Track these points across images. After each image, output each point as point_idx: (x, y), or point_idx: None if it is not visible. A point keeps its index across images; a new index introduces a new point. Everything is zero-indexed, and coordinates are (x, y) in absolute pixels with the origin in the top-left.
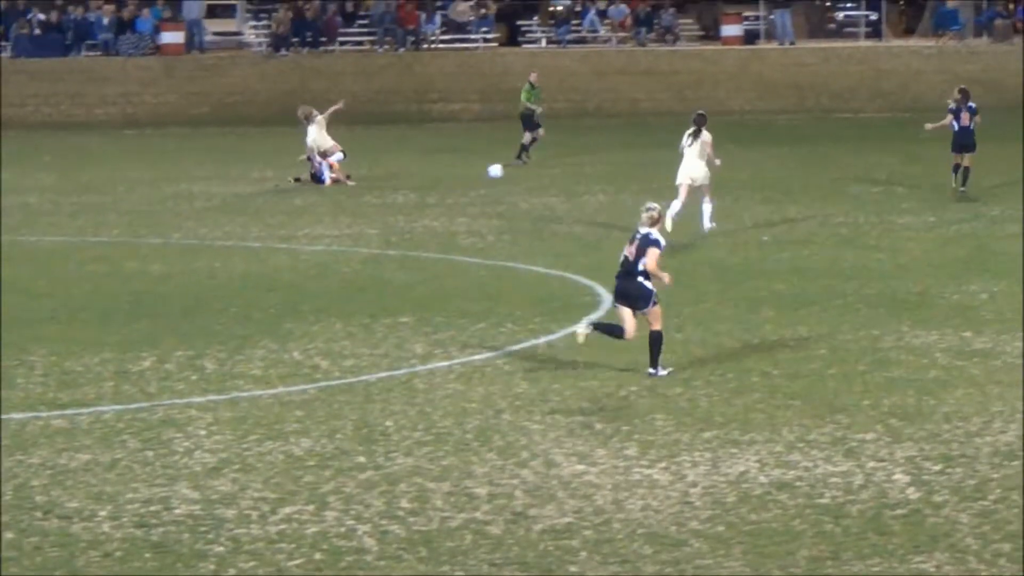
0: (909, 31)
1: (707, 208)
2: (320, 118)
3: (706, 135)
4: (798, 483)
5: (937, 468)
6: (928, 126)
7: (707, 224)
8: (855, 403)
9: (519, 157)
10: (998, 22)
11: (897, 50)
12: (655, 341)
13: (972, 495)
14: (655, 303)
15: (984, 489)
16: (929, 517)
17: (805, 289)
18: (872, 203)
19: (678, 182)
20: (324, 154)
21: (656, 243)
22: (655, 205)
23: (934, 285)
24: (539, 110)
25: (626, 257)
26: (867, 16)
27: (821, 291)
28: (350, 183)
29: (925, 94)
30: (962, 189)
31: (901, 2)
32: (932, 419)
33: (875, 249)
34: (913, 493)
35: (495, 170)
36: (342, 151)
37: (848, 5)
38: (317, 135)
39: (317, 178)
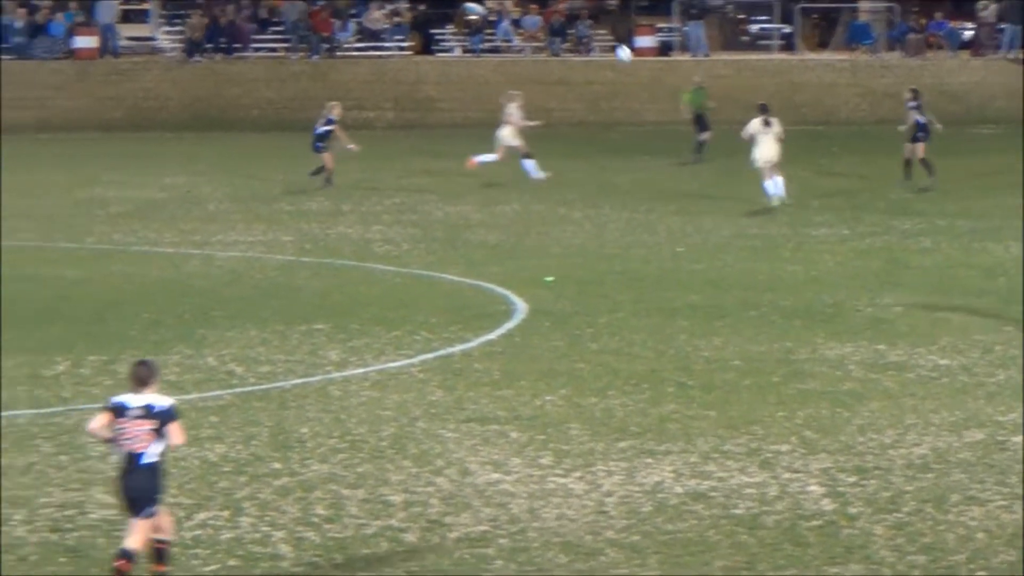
0: (822, 45)
1: (780, 181)
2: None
3: (777, 121)
4: (713, 493)
5: (852, 480)
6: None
7: (783, 194)
8: (770, 415)
9: (699, 153)
10: (910, 36)
11: (811, 63)
12: None
13: (886, 507)
14: None
15: (898, 501)
16: (844, 529)
17: (719, 300)
18: (786, 215)
19: (761, 164)
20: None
21: None
22: None
23: (848, 298)
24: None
25: None
26: (780, 29)
27: (735, 302)
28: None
29: (838, 107)
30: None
31: (815, 16)
32: (846, 431)
33: (789, 261)
34: (828, 504)
35: (623, 54)
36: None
37: (762, 18)
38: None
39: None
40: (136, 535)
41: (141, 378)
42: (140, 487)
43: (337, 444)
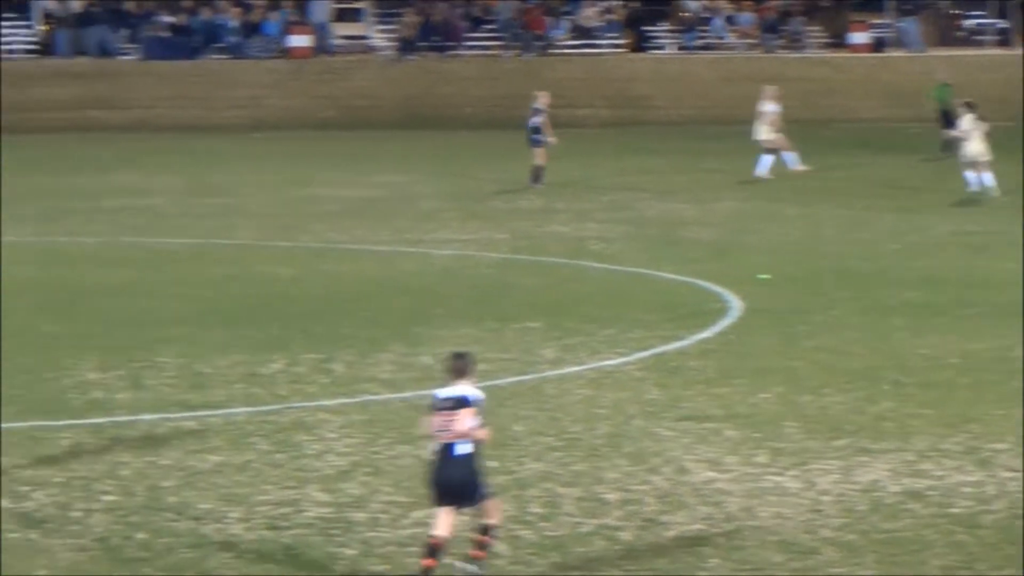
0: None
1: (989, 177)
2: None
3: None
4: (930, 492)
5: None
6: None
7: (993, 193)
8: (987, 413)
9: (946, 149)
10: None
11: None
12: None
13: None
14: None
15: None
16: None
17: (936, 298)
18: (1003, 212)
19: (971, 160)
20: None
21: None
22: None
23: None
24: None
25: None
26: (996, 24)
27: (952, 300)
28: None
29: None
30: None
31: None
32: None
33: (1006, 258)
34: None
35: None
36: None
37: (977, 13)
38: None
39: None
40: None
41: (457, 369)
42: (454, 478)
43: (552, 442)
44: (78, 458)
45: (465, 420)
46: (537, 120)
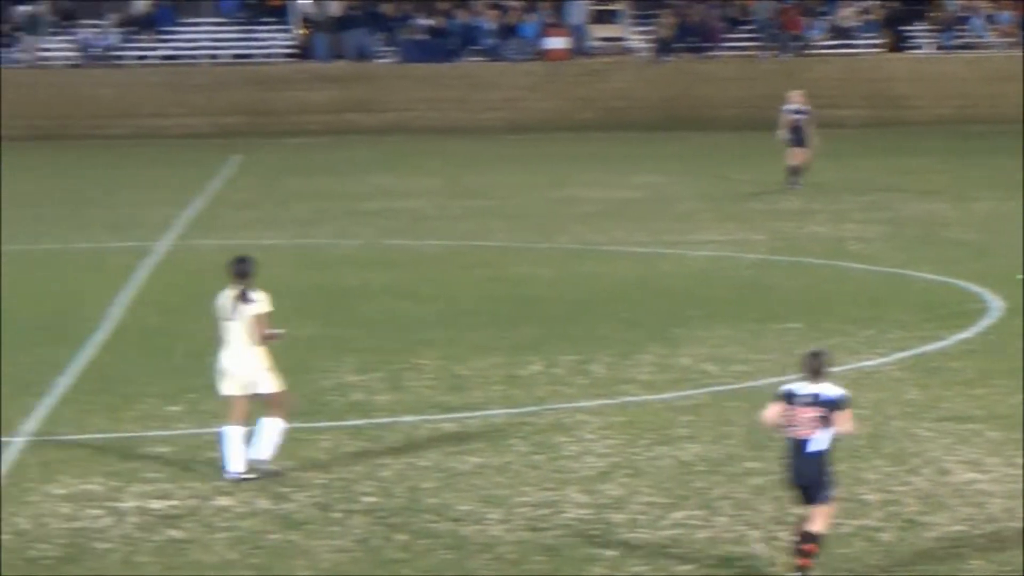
0: None
1: None
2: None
3: None
4: None
5: None
6: None
7: None
8: None
9: None
10: None
11: None
12: None
13: None
14: None
15: None
16: None
17: None
18: None
19: None
20: None
21: None
22: None
23: None
24: None
25: None
26: None
27: None
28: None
29: None
30: None
31: None
32: None
33: None
34: None
35: None
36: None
37: None
38: None
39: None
40: (817, 520)
41: (815, 368)
42: (806, 473)
43: None
44: (338, 460)
45: (846, 421)
46: (799, 118)
